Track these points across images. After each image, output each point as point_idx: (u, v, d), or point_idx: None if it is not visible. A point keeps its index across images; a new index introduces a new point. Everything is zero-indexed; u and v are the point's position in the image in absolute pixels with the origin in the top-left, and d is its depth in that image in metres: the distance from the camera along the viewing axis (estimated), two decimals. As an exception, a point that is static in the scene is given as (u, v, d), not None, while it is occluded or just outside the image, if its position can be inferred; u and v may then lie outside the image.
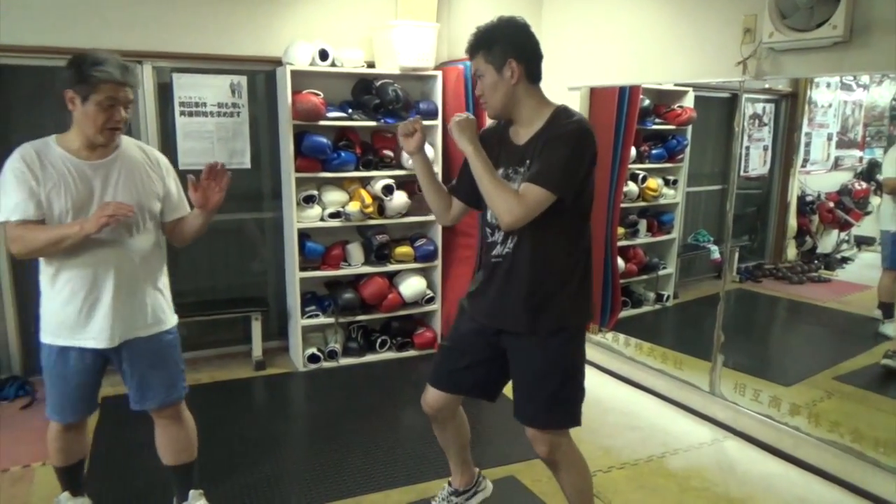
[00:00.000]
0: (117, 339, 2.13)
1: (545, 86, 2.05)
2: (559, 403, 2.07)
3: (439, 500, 2.50)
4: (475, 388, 2.25)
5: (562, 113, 1.99)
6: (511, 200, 1.89)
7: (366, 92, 4.04)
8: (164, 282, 2.29)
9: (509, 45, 1.95)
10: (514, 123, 2.07)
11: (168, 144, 3.86)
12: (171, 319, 2.30)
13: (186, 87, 3.90)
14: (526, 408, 2.10)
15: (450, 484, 2.53)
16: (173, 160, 3.48)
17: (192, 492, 2.43)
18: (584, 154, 1.92)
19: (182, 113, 3.90)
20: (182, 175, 2.25)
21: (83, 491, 2.47)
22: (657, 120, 4.37)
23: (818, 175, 4.45)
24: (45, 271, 2.11)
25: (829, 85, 4.21)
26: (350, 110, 4.01)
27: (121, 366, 2.22)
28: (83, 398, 2.20)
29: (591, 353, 4.20)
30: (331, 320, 4.12)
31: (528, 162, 1.97)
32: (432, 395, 2.28)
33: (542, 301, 2.01)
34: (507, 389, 2.20)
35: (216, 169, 2.15)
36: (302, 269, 4.01)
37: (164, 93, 3.90)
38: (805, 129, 4.28)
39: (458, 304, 2.28)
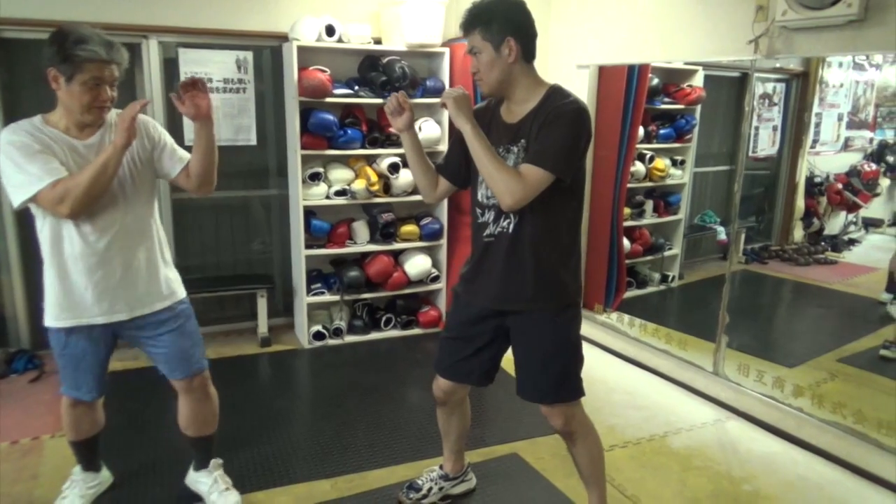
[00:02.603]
0: (128, 313, 2.14)
1: (554, 63, 2.04)
2: (569, 378, 2.10)
3: (427, 480, 2.52)
4: (483, 374, 2.23)
5: (556, 92, 1.97)
6: (512, 182, 1.88)
7: (373, 69, 4.01)
8: (168, 254, 2.29)
9: (508, 24, 1.92)
10: (507, 101, 2.05)
11: (174, 119, 3.84)
12: (182, 290, 2.31)
13: (192, 62, 3.87)
14: (535, 385, 2.11)
15: (441, 467, 2.55)
16: (180, 135, 3.48)
17: (212, 461, 2.47)
18: (581, 134, 1.92)
19: (188, 88, 3.87)
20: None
21: (98, 466, 2.50)
22: (666, 99, 4.32)
23: (827, 156, 4.41)
24: (48, 250, 2.06)
25: (840, 64, 4.16)
26: (356, 87, 3.98)
27: (138, 341, 2.23)
28: (97, 376, 2.22)
29: (595, 332, 4.21)
30: (336, 298, 4.14)
31: (522, 141, 1.96)
32: (444, 382, 2.30)
33: (550, 280, 2.02)
34: (508, 367, 2.20)
35: (189, 81, 2.06)
36: (307, 246, 4.01)
37: (170, 68, 3.87)
38: (815, 109, 4.23)
39: (451, 292, 2.26)
